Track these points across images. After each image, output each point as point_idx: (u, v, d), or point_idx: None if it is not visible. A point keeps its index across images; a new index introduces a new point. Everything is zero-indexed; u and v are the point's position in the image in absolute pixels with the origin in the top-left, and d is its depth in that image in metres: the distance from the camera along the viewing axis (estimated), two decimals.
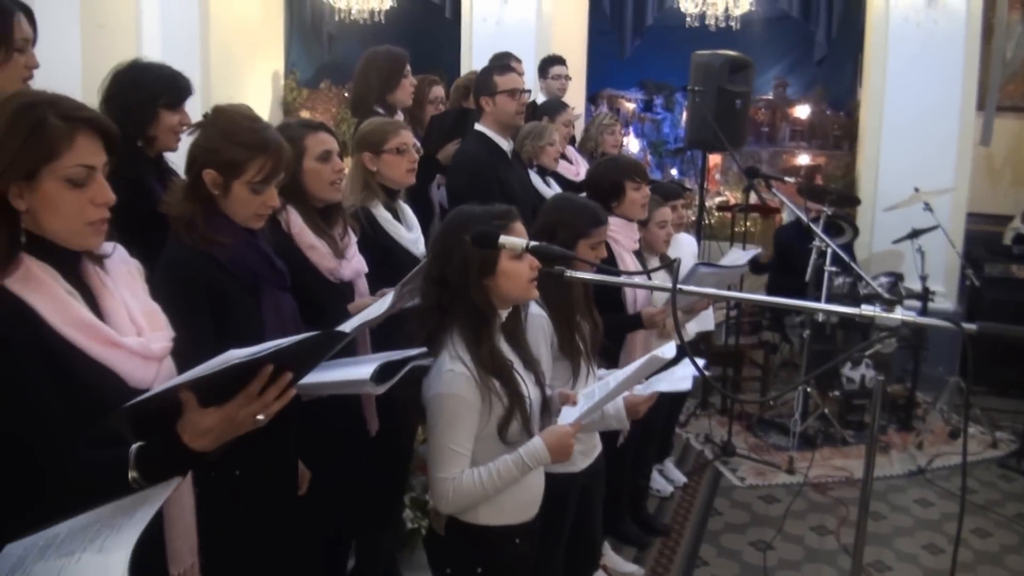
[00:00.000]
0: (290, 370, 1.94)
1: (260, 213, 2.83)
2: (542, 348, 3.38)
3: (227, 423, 1.91)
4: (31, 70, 3.02)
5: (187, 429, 1.90)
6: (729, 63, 6.94)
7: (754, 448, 6.65)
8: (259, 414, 1.92)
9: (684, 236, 5.68)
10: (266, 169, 2.76)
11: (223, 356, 1.84)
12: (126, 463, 1.90)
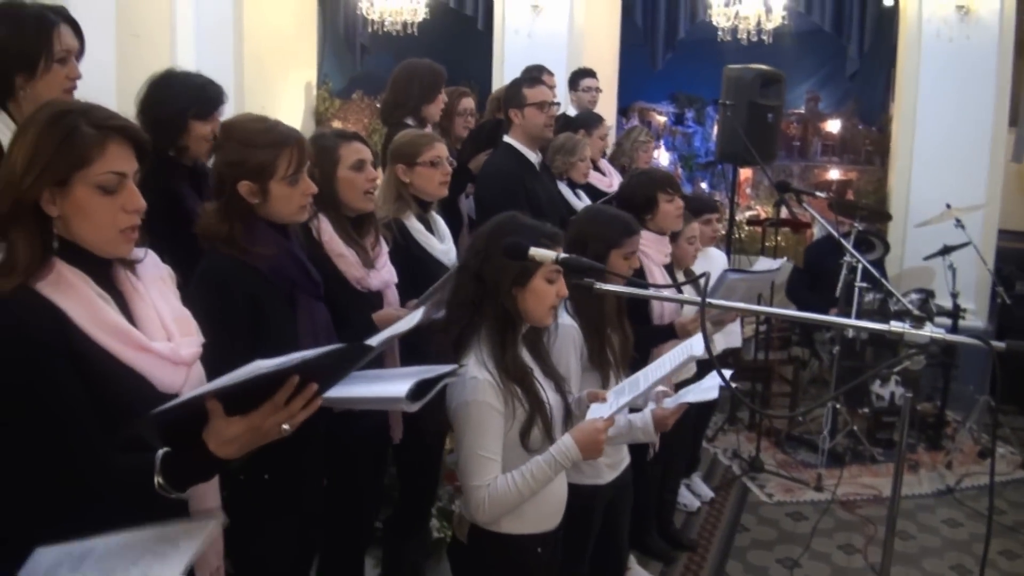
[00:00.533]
0: (316, 381, 1.95)
1: (302, 203, 2.87)
2: (572, 359, 3.40)
3: (253, 432, 1.93)
4: (72, 81, 3.03)
5: (213, 437, 1.92)
6: (761, 77, 6.93)
7: (782, 464, 6.62)
8: (284, 424, 1.94)
9: (714, 251, 5.66)
10: (295, 160, 2.80)
11: (250, 366, 1.86)
12: (152, 468, 1.93)
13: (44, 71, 2.98)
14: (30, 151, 1.99)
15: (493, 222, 3.00)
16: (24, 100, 2.99)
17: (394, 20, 11.28)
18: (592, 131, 6.23)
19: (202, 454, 1.93)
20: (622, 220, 3.78)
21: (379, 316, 3.45)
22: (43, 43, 2.98)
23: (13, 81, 2.98)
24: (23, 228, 1.99)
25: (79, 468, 1.96)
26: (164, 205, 3.06)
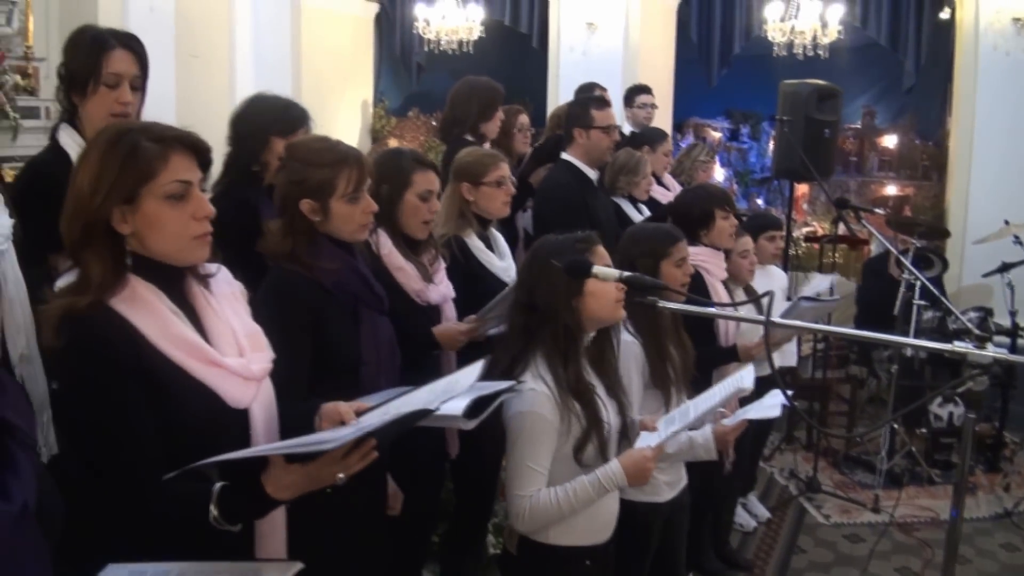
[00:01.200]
0: (376, 438, 2.00)
1: (363, 222, 2.90)
2: (633, 377, 3.40)
3: (309, 480, 1.98)
4: (123, 106, 3.07)
5: (271, 481, 1.97)
6: (817, 92, 6.88)
7: (839, 485, 6.53)
8: (340, 473, 1.98)
9: (774, 268, 5.62)
10: (354, 179, 2.82)
11: (317, 436, 1.95)
12: (208, 499, 1.96)
13: (92, 92, 3.05)
14: (95, 173, 2.03)
15: (530, 253, 3.05)
16: (82, 119, 3.09)
17: (450, 39, 11.37)
18: (656, 147, 6.25)
19: (258, 493, 1.98)
20: (663, 230, 3.82)
21: (440, 331, 3.49)
22: (92, 65, 3.05)
23: (72, 101, 3.09)
24: (95, 249, 2.03)
25: (139, 489, 2.00)
26: (241, 217, 3.10)
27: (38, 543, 1.59)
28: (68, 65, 3.10)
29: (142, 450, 2.00)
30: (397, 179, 3.44)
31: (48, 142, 3.20)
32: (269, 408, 2.27)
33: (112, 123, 2.25)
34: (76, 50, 3.09)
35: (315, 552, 2.31)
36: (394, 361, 3.00)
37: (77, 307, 1.98)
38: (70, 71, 3.09)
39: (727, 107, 13.45)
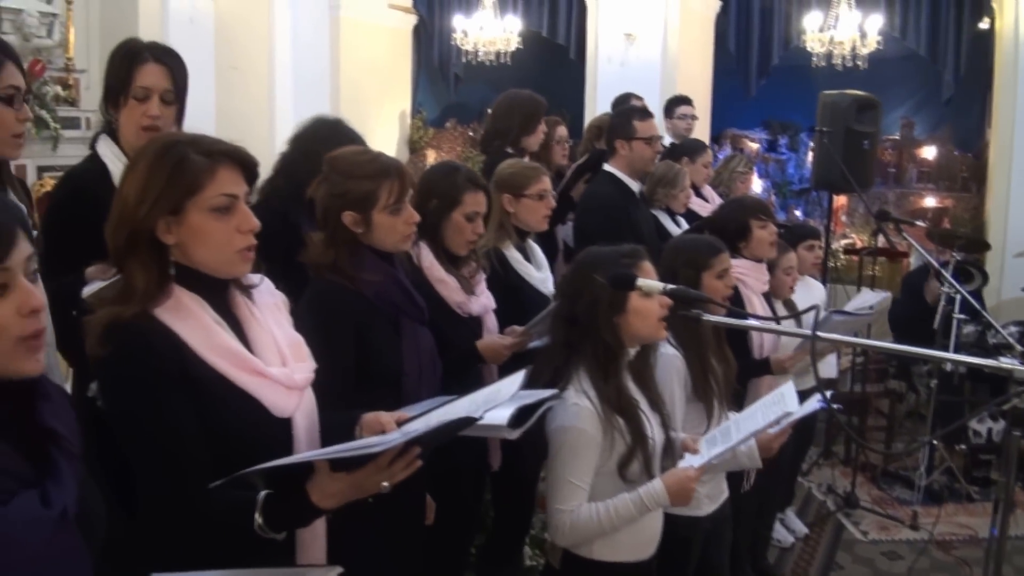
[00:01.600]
0: (420, 445, 2.00)
1: (405, 233, 2.91)
2: (676, 390, 3.39)
3: (354, 488, 1.99)
4: (151, 120, 3.08)
5: (316, 490, 1.98)
6: (857, 103, 6.84)
7: (877, 501, 6.46)
8: (384, 482, 1.99)
9: (813, 281, 5.57)
10: (395, 190, 2.84)
11: (363, 441, 1.98)
12: (254, 507, 1.97)
13: (123, 105, 3.09)
14: (142, 184, 2.04)
15: (574, 264, 3.06)
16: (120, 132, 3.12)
17: (488, 50, 11.39)
18: (695, 159, 6.22)
19: (303, 502, 1.99)
20: (705, 241, 3.80)
21: (484, 344, 3.50)
22: (122, 78, 3.08)
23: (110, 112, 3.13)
24: (139, 258, 2.04)
25: (184, 497, 2.01)
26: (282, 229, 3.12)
27: (78, 548, 1.61)
28: (105, 77, 3.14)
29: (188, 457, 2.02)
30: (447, 196, 3.46)
31: (88, 152, 3.24)
32: (311, 417, 2.27)
33: (160, 135, 2.26)
34: (112, 62, 3.13)
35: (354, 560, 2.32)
36: (435, 372, 3.00)
37: (122, 316, 2.00)
38: (106, 83, 3.13)
39: (765, 118, 13.37)
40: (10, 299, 1.53)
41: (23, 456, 1.56)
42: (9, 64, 2.66)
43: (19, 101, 2.68)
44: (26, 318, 1.54)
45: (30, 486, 1.54)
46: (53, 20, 7.37)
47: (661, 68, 9.73)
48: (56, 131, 6.84)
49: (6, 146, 2.72)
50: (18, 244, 1.54)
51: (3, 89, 2.62)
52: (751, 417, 3.10)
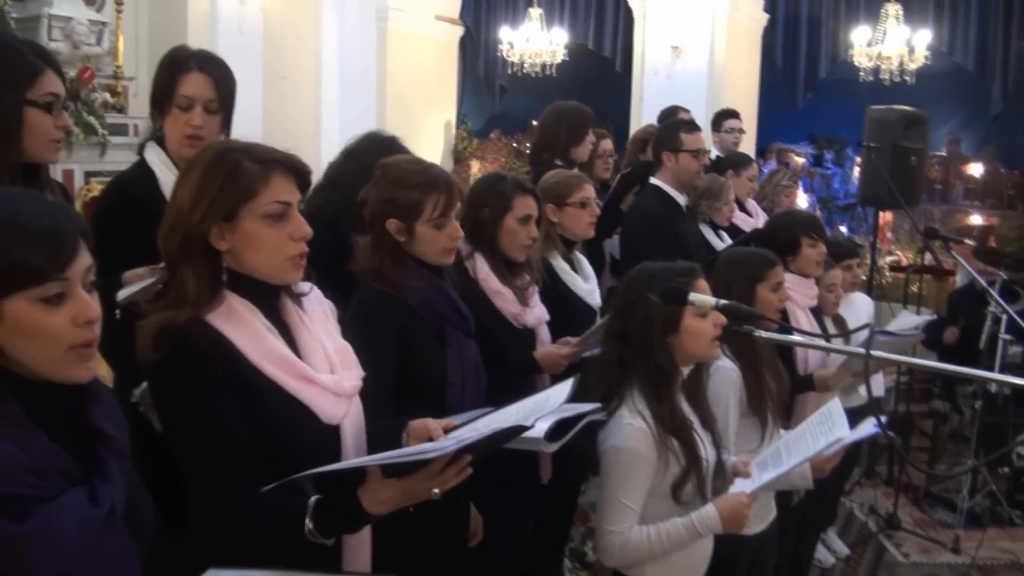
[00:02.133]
0: (471, 453, 2.00)
1: (447, 247, 2.90)
2: (731, 403, 3.37)
3: (405, 495, 1.99)
4: (194, 128, 3.10)
5: (368, 495, 1.98)
6: (905, 118, 6.75)
7: (919, 523, 6.36)
8: (435, 488, 1.98)
9: (860, 296, 5.50)
10: (441, 204, 2.82)
11: (415, 448, 1.98)
12: (304, 512, 1.98)
13: (167, 113, 3.12)
14: (196, 190, 2.06)
15: (627, 279, 3.03)
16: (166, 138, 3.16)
17: (533, 62, 11.42)
18: (740, 172, 6.18)
19: (354, 507, 1.99)
20: (759, 254, 3.76)
21: (541, 354, 3.50)
22: (167, 86, 3.11)
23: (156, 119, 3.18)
24: (192, 263, 2.06)
25: (234, 500, 2.02)
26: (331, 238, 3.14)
27: (126, 547, 1.63)
28: (152, 85, 3.18)
29: (238, 461, 2.03)
30: (497, 203, 3.47)
31: (135, 158, 3.28)
32: (359, 424, 2.29)
33: (215, 142, 2.29)
34: (159, 70, 3.17)
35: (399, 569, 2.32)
36: (479, 382, 3.00)
37: (175, 321, 2.02)
38: (153, 91, 3.17)
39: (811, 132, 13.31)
40: (66, 308, 1.54)
41: (73, 456, 1.58)
42: (48, 71, 2.68)
43: (58, 108, 2.70)
44: (80, 328, 1.55)
45: (79, 485, 1.56)
46: (103, 28, 7.44)
47: (708, 81, 9.70)
48: (104, 137, 6.89)
49: (45, 151, 2.73)
50: (79, 255, 1.56)
51: (42, 96, 2.65)
52: (800, 438, 3.07)
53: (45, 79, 2.66)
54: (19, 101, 2.60)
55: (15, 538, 1.43)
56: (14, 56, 2.64)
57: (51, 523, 1.47)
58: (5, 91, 2.58)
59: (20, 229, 1.51)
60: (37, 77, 2.63)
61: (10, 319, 1.50)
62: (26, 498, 1.47)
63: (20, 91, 2.60)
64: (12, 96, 2.59)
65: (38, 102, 2.63)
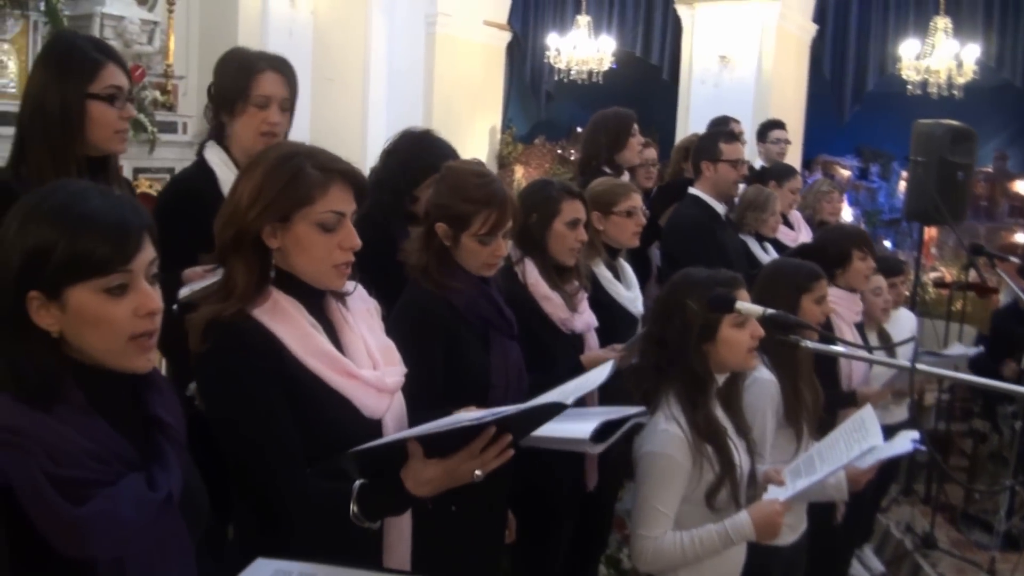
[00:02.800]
0: (511, 432, 2.01)
1: (489, 263, 2.92)
2: (768, 415, 3.37)
3: (447, 475, 2.00)
4: (271, 126, 3.18)
5: (410, 476, 2.01)
6: (952, 133, 6.68)
7: (956, 543, 6.26)
8: (477, 470, 2.00)
9: (904, 312, 5.47)
10: (491, 222, 2.83)
11: (453, 417, 1.98)
12: (349, 497, 2.01)
13: (240, 112, 3.17)
14: (257, 188, 2.11)
15: (668, 285, 3.04)
16: (230, 138, 3.22)
17: (580, 69, 11.43)
18: (783, 183, 6.13)
19: (398, 490, 2.02)
20: (804, 266, 3.76)
21: (588, 358, 3.50)
22: (241, 86, 3.16)
23: (222, 119, 3.23)
24: (242, 257, 2.11)
25: (280, 489, 2.06)
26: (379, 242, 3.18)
27: (182, 532, 1.69)
28: (218, 85, 3.23)
29: (282, 449, 2.07)
30: (545, 208, 3.48)
31: (194, 158, 3.35)
32: (401, 420, 2.32)
33: (281, 143, 2.35)
34: (225, 71, 3.23)
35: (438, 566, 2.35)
36: (521, 385, 3.00)
37: (222, 314, 2.07)
38: (220, 91, 3.22)
39: (857, 145, 13.23)
40: (129, 299, 1.59)
41: (131, 442, 1.62)
42: (110, 64, 2.78)
43: (121, 100, 2.79)
44: (142, 319, 1.60)
45: (138, 471, 1.61)
46: (154, 27, 7.54)
47: (755, 91, 9.67)
48: (153, 135, 7.00)
49: (110, 142, 2.82)
50: (143, 248, 1.61)
51: (104, 88, 2.74)
52: (833, 446, 3.08)
53: (107, 72, 2.75)
54: (81, 95, 2.69)
55: (77, 520, 1.48)
56: (75, 51, 2.74)
57: (111, 506, 1.51)
58: (68, 86, 2.68)
59: (87, 221, 1.55)
60: (99, 71, 2.73)
61: (74, 308, 1.55)
62: (87, 481, 1.52)
63: (82, 85, 2.70)
64: (75, 90, 2.68)
65: (100, 95, 2.73)
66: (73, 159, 2.70)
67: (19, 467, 1.46)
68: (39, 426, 1.51)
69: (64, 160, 2.67)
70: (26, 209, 1.57)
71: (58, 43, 2.91)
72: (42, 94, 2.70)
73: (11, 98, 6.54)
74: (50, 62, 2.76)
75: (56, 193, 1.60)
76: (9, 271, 1.54)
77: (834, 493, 3.27)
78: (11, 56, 6.59)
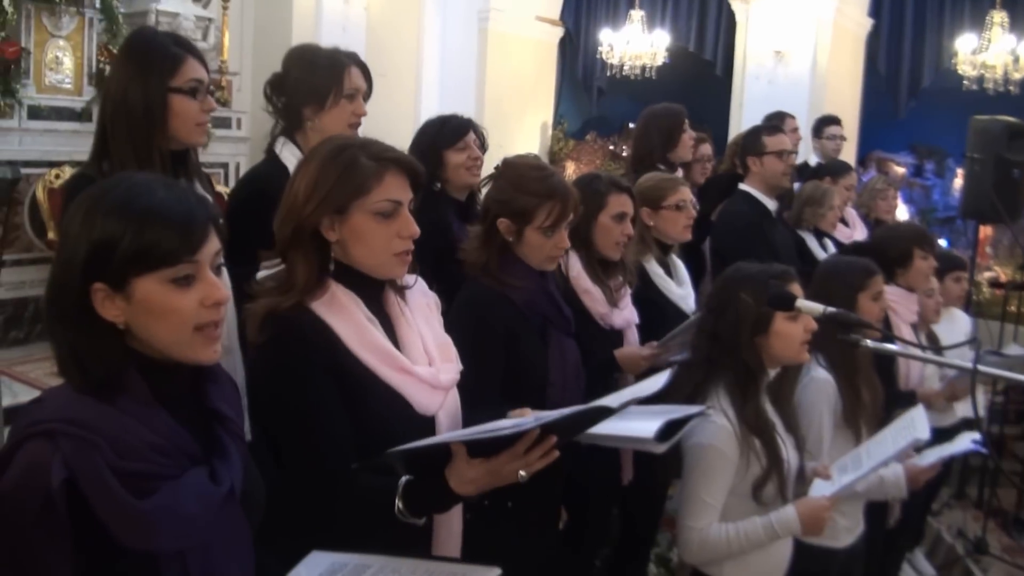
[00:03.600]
0: (556, 434, 2.02)
1: (553, 255, 2.94)
2: (825, 415, 3.35)
3: (491, 475, 2.01)
4: (358, 117, 3.34)
5: (454, 475, 2.02)
6: (1009, 130, 6.59)
7: (1007, 549, 6.13)
8: (522, 471, 2.01)
9: (958, 312, 5.40)
10: (555, 214, 2.86)
11: (495, 423, 2.00)
12: (395, 493, 2.03)
13: (332, 105, 3.28)
14: (312, 181, 2.14)
15: (720, 279, 3.06)
16: (311, 131, 3.29)
17: (633, 64, 11.39)
18: (839, 180, 6.08)
19: (442, 488, 2.03)
20: (860, 263, 3.74)
21: (622, 353, 3.48)
22: (334, 80, 3.28)
23: (302, 114, 3.30)
24: (302, 251, 2.14)
25: (329, 481, 2.09)
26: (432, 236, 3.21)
27: (243, 525, 1.72)
28: (305, 80, 3.30)
29: (334, 442, 2.10)
30: (592, 201, 3.47)
31: (263, 155, 3.43)
32: (454, 417, 2.33)
33: (333, 135, 2.42)
34: (315, 66, 3.31)
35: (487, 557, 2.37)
36: (579, 383, 3.02)
37: (280, 306, 2.10)
38: (307, 86, 3.29)
39: (912, 142, 13.07)
40: (196, 289, 1.60)
41: (193, 435, 1.64)
42: (190, 58, 2.85)
43: (202, 93, 2.88)
44: (208, 309, 1.61)
45: (200, 464, 1.63)
46: (208, 24, 7.64)
47: (810, 87, 9.60)
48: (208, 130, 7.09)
49: (192, 134, 2.90)
50: (209, 239, 1.62)
51: (186, 82, 2.82)
52: (881, 443, 3.07)
53: (187, 66, 2.83)
54: (163, 89, 2.77)
55: (141, 513, 1.50)
56: (156, 47, 2.83)
57: (175, 500, 1.54)
58: (150, 80, 2.76)
59: (154, 212, 1.57)
60: (179, 65, 2.81)
61: (140, 298, 1.56)
62: (150, 475, 1.54)
63: (164, 79, 2.77)
64: (157, 85, 2.76)
65: (182, 88, 2.81)
66: (157, 153, 2.77)
67: (83, 459, 1.48)
68: (103, 418, 1.53)
69: (147, 154, 2.74)
70: (90, 202, 1.59)
71: (138, 39, 2.99)
72: (124, 90, 2.76)
73: (67, 93, 6.66)
74: (131, 58, 2.84)
75: (120, 185, 1.61)
76: (74, 263, 1.55)
77: (893, 491, 3.27)
78: (67, 52, 6.70)
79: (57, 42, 6.63)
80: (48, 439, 1.49)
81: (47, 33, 6.56)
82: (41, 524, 1.46)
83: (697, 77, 12.14)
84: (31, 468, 1.47)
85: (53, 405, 1.56)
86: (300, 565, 1.84)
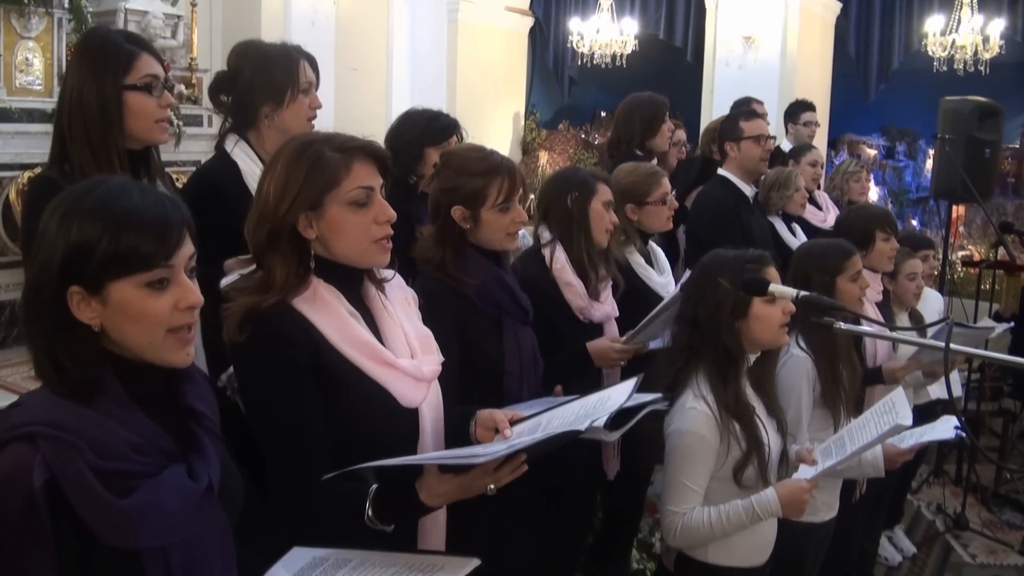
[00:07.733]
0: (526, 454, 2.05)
1: (511, 231, 2.95)
2: (804, 392, 3.40)
3: (461, 490, 2.04)
4: (314, 111, 3.30)
5: (425, 488, 2.04)
6: (979, 110, 6.65)
7: (987, 524, 6.23)
8: (491, 485, 2.03)
9: (931, 292, 5.45)
10: (505, 188, 2.86)
11: (469, 449, 2.04)
12: (365, 500, 2.05)
13: (291, 101, 3.23)
14: (282, 182, 2.14)
15: (698, 266, 3.07)
16: (267, 128, 3.24)
17: (603, 53, 11.39)
18: (800, 159, 6.13)
19: (412, 499, 2.05)
20: (837, 245, 3.78)
21: (593, 346, 3.49)
22: (290, 76, 3.23)
23: (259, 112, 3.24)
24: (280, 252, 2.15)
25: (304, 483, 2.10)
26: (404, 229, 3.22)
27: (222, 521, 1.73)
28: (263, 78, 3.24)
29: (311, 446, 2.11)
30: (584, 187, 3.53)
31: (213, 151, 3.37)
32: (437, 409, 2.35)
33: (295, 136, 2.38)
34: (272, 63, 3.25)
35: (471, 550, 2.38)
36: (536, 372, 3.03)
37: (261, 305, 2.10)
38: (266, 84, 3.23)
39: (883, 123, 13.12)
40: (170, 293, 1.61)
41: (169, 433, 1.65)
42: (144, 55, 2.84)
43: (158, 89, 2.85)
44: (182, 312, 1.62)
45: (177, 461, 1.64)
46: (177, 22, 7.60)
47: (780, 72, 9.63)
48: (179, 128, 7.04)
49: (152, 132, 2.88)
50: (184, 243, 1.64)
51: (140, 79, 2.80)
52: (863, 427, 3.09)
53: (141, 63, 2.81)
54: (118, 87, 2.75)
55: (123, 512, 1.51)
56: (109, 46, 2.80)
57: (155, 497, 1.55)
58: (105, 79, 2.74)
59: (131, 217, 1.57)
60: (133, 62, 2.79)
61: (115, 302, 1.57)
62: (130, 473, 1.55)
63: (118, 78, 2.76)
64: (111, 83, 2.74)
65: (137, 85, 2.78)
66: (115, 153, 2.75)
67: (64, 461, 1.49)
68: (82, 420, 1.54)
69: (106, 154, 2.73)
70: (66, 205, 1.59)
71: (91, 39, 2.97)
72: (79, 90, 2.75)
73: (37, 95, 6.61)
74: (85, 58, 2.82)
75: (96, 189, 1.62)
76: (51, 267, 1.56)
77: (870, 470, 3.31)
78: (36, 54, 6.64)
79: (26, 43, 6.57)
80: (28, 442, 1.50)
81: (16, 35, 6.50)
82: (24, 526, 1.47)
83: (668, 64, 12.15)
84: (12, 471, 1.48)
85: (32, 408, 1.56)
86: (281, 560, 1.85)
